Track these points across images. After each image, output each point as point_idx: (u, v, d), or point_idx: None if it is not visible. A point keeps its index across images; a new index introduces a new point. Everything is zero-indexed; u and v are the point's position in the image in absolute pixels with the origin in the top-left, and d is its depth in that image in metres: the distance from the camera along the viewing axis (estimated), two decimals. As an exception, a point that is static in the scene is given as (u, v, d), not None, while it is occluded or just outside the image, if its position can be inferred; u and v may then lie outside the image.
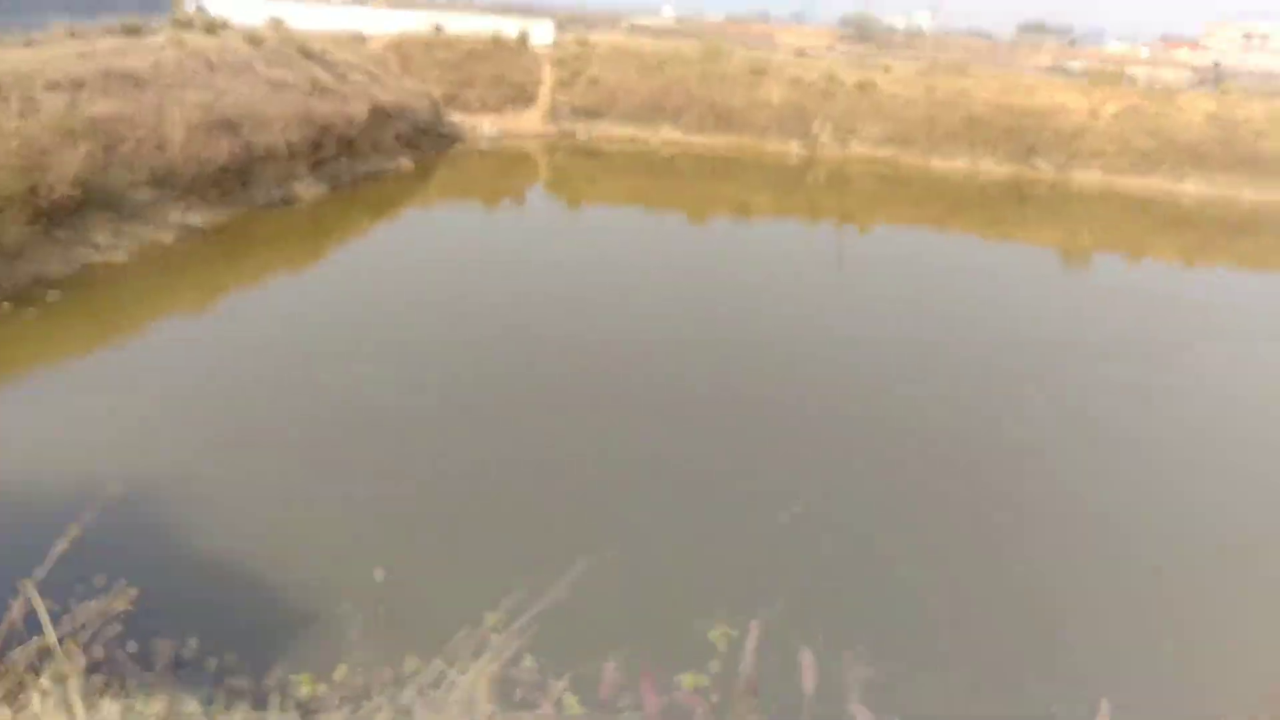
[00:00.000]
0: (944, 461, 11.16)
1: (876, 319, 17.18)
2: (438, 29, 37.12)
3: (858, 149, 34.23)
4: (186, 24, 23.66)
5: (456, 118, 32.95)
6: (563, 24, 47.19)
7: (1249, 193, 32.57)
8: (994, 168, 33.37)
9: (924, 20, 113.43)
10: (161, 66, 20.29)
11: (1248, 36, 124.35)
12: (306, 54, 25.44)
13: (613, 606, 7.16)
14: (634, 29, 71.59)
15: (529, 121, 34.58)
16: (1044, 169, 33.26)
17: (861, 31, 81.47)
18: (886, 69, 38.14)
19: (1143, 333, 17.99)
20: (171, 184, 18.20)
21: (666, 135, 34.39)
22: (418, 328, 14.50)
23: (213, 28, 24.04)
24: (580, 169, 31.25)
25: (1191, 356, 16.52)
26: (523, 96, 34.88)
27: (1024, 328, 17.61)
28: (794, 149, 34.21)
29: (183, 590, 7.26)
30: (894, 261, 22.68)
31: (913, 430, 11.97)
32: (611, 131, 34.41)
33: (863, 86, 35.39)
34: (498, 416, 11.40)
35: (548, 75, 35.67)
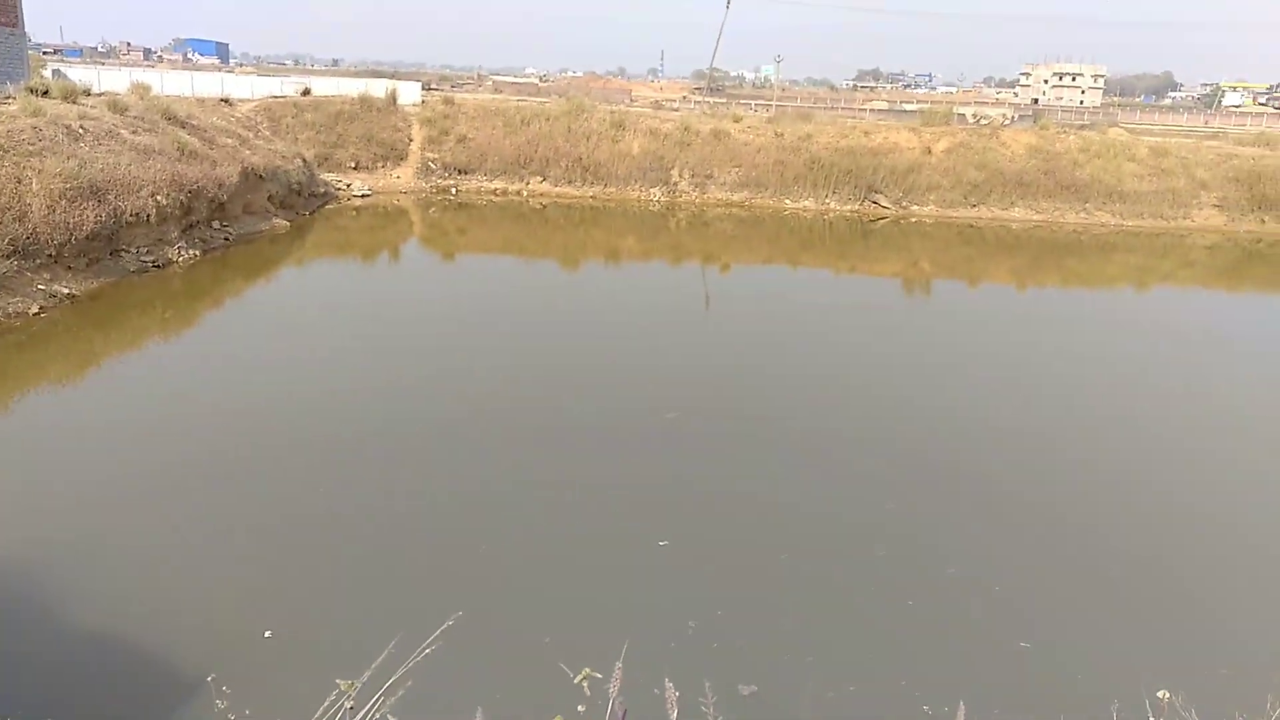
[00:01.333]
0: (807, 488, 12.34)
1: (741, 350, 18.48)
2: (306, 91, 37.48)
3: (715, 193, 36.17)
4: (43, 92, 23.37)
5: (329, 177, 33.33)
6: (430, 84, 48.10)
7: (1071, 216, 35.83)
8: (839, 206, 35.75)
9: (770, 71, 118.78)
10: (16, 135, 20.12)
11: (1059, 75, 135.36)
12: (172, 119, 25.48)
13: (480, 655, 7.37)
14: (500, 87, 72.98)
15: (401, 179, 35.25)
16: (885, 205, 35.79)
17: (713, 84, 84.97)
18: (737, 119, 40.51)
19: (977, 346, 19.91)
20: (34, 253, 18.08)
21: (535, 188, 35.65)
22: (290, 384, 14.66)
23: (71, 94, 23.83)
24: (454, 222, 32.02)
25: (1015, 365, 18.41)
26: (394, 155, 35.58)
27: (874, 348, 19.22)
28: (656, 195, 35.88)
29: (42, 659, 7.39)
30: (754, 297, 24.23)
31: (782, 456, 13.15)
32: (482, 186, 35.51)
33: (717, 135, 37.49)
34: (369, 470, 11.62)
35: (417, 134, 36.51)
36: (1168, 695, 5.85)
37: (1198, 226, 35.69)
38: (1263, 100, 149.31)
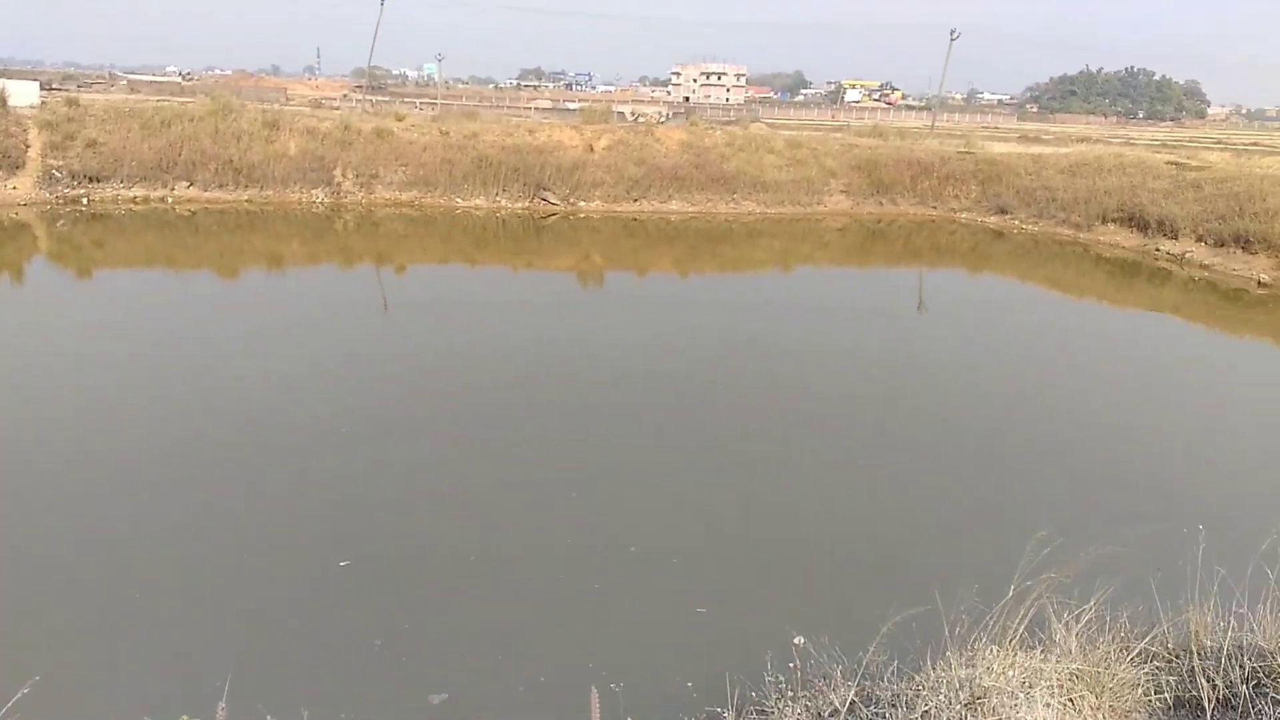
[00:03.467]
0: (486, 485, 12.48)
1: (429, 355, 18.27)
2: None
3: (382, 193, 35.27)
4: None
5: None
6: (51, 84, 42.75)
7: (722, 207, 38.64)
8: (510, 204, 36.20)
9: (432, 70, 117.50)
10: None
11: (706, 75, 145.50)
12: None
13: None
14: (136, 86, 66.61)
15: (19, 190, 31.06)
16: (554, 201, 36.73)
17: (373, 82, 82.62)
18: (400, 117, 39.77)
19: (651, 328, 21.08)
20: None
21: (182, 193, 32.81)
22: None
23: None
24: (87, 235, 28.73)
25: (691, 344, 19.73)
26: (6, 163, 31.22)
27: (550, 335, 19.74)
28: (319, 197, 34.35)
29: None
30: (434, 301, 24.02)
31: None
32: (120, 194, 32.11)
33: (380, 134, 36.53)
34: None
35: (36, 139, 32.29)
36: (802, 640, 6.67)
37: (829, 211, 39.86)
38: (875, 96, 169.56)
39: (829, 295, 27.76)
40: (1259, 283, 28.09)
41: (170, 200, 32.52)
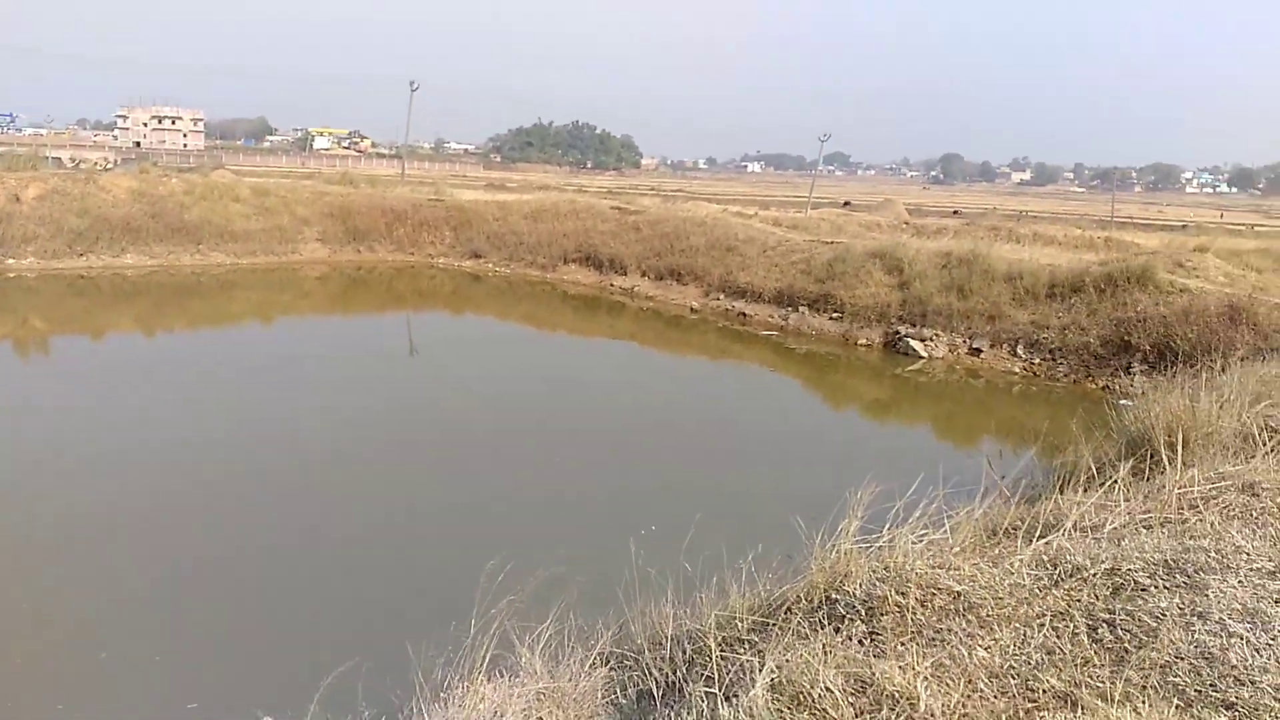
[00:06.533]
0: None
1: None
2: None
3: None
4: None
5: None
6: None
7: (187, 259, 35.87)
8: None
9: None
10: None
11: (159, 119, 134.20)
12: None
13: None
14: None
15: None
16: (-24, 259, 31.39)
17: None
18: None
19: (111, 396, 18.92)
20: None
21: None
22: None
23: None
24: None
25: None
26: None
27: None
28: None
29: None
30: None
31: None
32: None
33: None
34: None
35: None
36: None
37: (307, 260, 38.97)
38: (345, 144, 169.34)
39: (319, 343, 27.16)
40: (692, 309, 32.94)
41: None
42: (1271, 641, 4.49)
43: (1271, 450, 8.75)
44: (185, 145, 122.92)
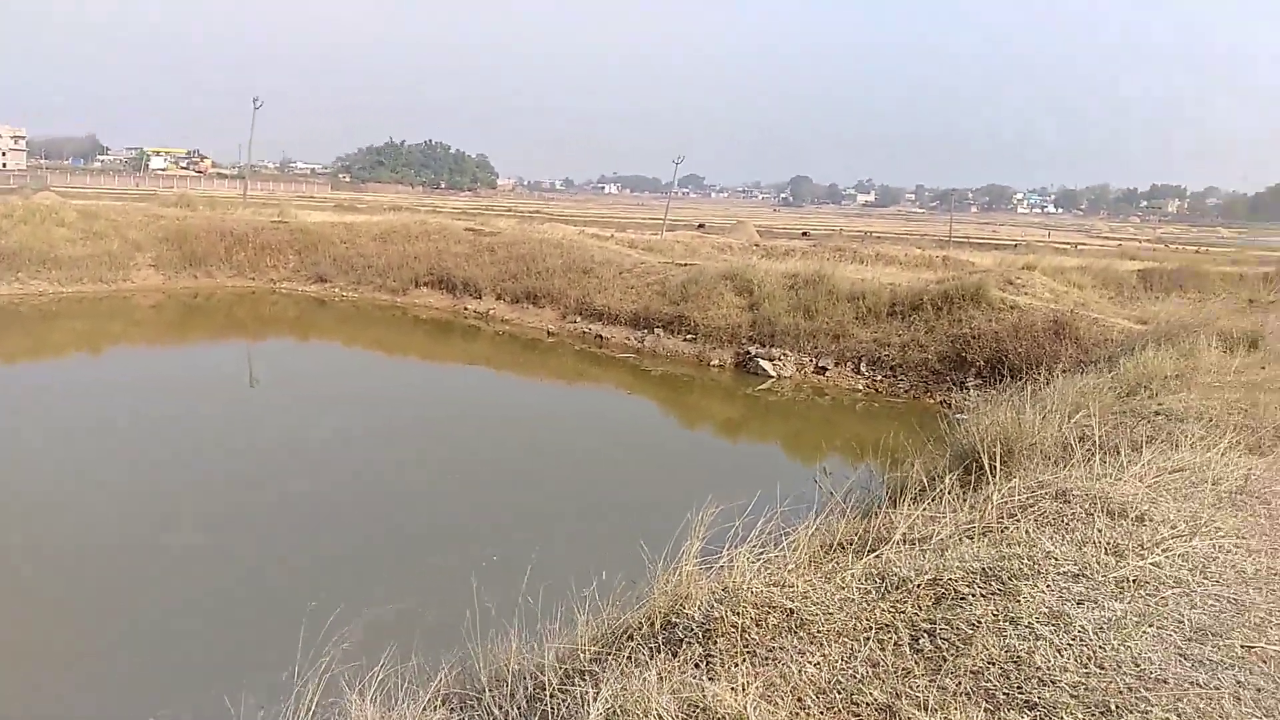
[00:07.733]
0: None
1: None
2: None
3: None
4: None
5: None
6: None
7: (3, 288, 33.45)
8: None
9: None
10: None
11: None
12: None
13: None
14: None
15: None
16: None
17: None
18: None
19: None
20: None
21: None
22: None
23: None
24: None
25: None
26: None
27: None
28: None
29: None
30: None
31: None
32: None
33: None
34: None
35: None
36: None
37: (139, 287, 36.90)
38: (184, 164, 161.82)
39: (152, 374, 25.70)
40: (548, 333, 32.85)
41: None
42: (1072, 642, 4.78)
43: (1083, 458, 9.35)
44: (4, 165, 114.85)
